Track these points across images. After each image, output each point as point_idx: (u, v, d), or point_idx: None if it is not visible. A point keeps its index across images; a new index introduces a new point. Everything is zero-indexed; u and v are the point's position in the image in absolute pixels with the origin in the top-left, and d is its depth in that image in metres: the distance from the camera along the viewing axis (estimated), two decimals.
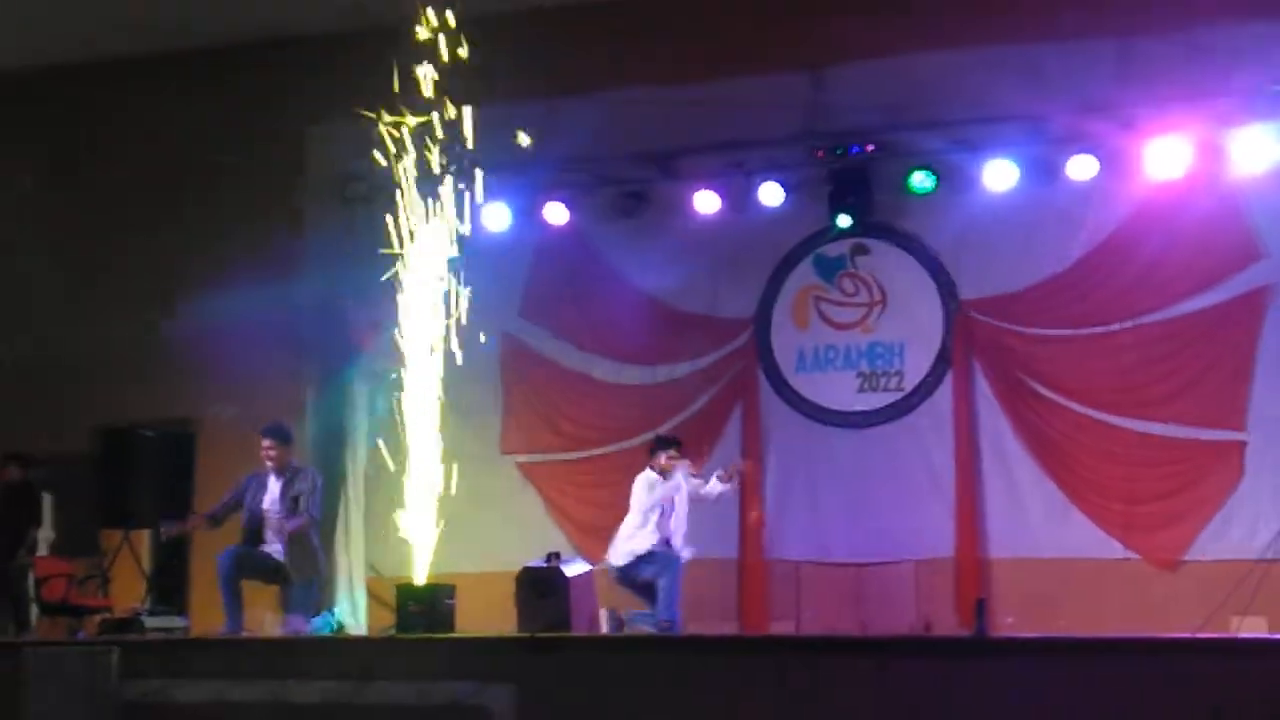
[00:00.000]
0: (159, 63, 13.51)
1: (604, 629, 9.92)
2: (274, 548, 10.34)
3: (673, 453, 10.87)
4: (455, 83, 9.92)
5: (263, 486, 10.48)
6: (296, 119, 12.95)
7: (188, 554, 12.80)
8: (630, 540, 10.72)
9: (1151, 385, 11.39)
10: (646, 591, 10.64)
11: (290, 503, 10.32)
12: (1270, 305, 11.11)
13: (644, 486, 10.78)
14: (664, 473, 10.81)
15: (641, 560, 10.62)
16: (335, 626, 10.47)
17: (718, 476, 11.03)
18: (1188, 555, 11.13)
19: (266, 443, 10.46)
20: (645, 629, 10.11)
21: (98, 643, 8.96)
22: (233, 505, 10.60)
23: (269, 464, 10.46)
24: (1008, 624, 10.68)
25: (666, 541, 10.74)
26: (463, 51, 9.77)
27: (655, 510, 10.70)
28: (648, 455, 11.03)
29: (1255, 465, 11.03)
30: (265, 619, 11.54)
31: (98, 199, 13.65)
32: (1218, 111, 10.96)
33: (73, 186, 13.74)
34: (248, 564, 10.31)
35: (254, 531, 10.43)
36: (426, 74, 9.76)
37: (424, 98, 9.80)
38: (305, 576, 10.39)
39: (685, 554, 10.79)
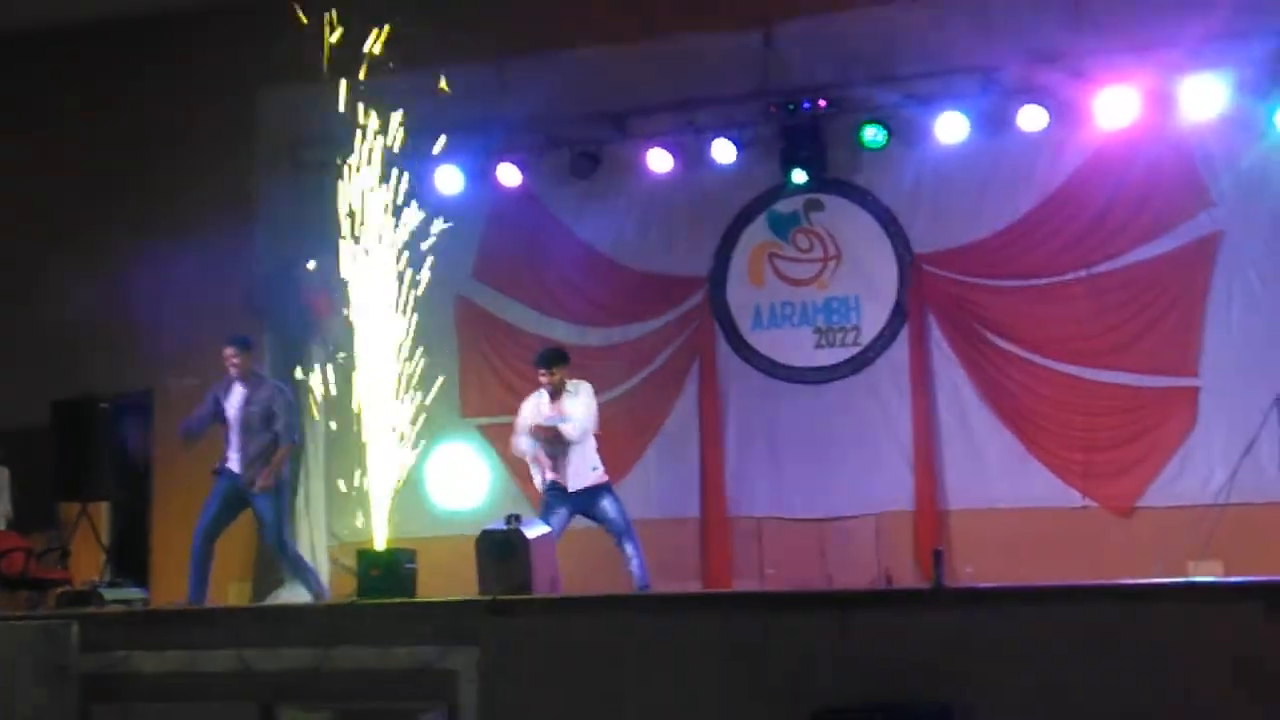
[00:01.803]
0: (108, 28, 13.37)
1: None
2: (234, 457, 10.35)
3: (551, 369, 10.38)
4: (405, 44, 9.87)
5: (227, 395, 10.48)
6: (248, 83, 12.84)
7: (147, 525, 12.76)
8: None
9: (1105, 334, 11.48)
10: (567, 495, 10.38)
11: (254, 419, 10.26)
12: (1220, 251, 11.20)
13: (526, 411, 10.49)
14: (553, 392, 10.39)
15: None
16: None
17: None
18: (1144, 502, 11.24)
19: (229, 350, 10.47)
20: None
21: (55, 616, 8.91)
22: (208, 418, 10.56)
23: (233, 371, 10.46)
24: (968, 574, 10.76)
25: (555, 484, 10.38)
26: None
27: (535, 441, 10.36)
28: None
29: (1208, 410, 11.13)
30: (230, 589, 11.55)
31: (49, 169, 13.52)
32: (1167, 60, 10.99)
33: (24, 157, 13.61)
34: (220, 524, 10.35)
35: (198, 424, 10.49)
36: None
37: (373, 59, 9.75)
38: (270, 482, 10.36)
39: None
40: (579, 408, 10.35)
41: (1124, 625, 7.04)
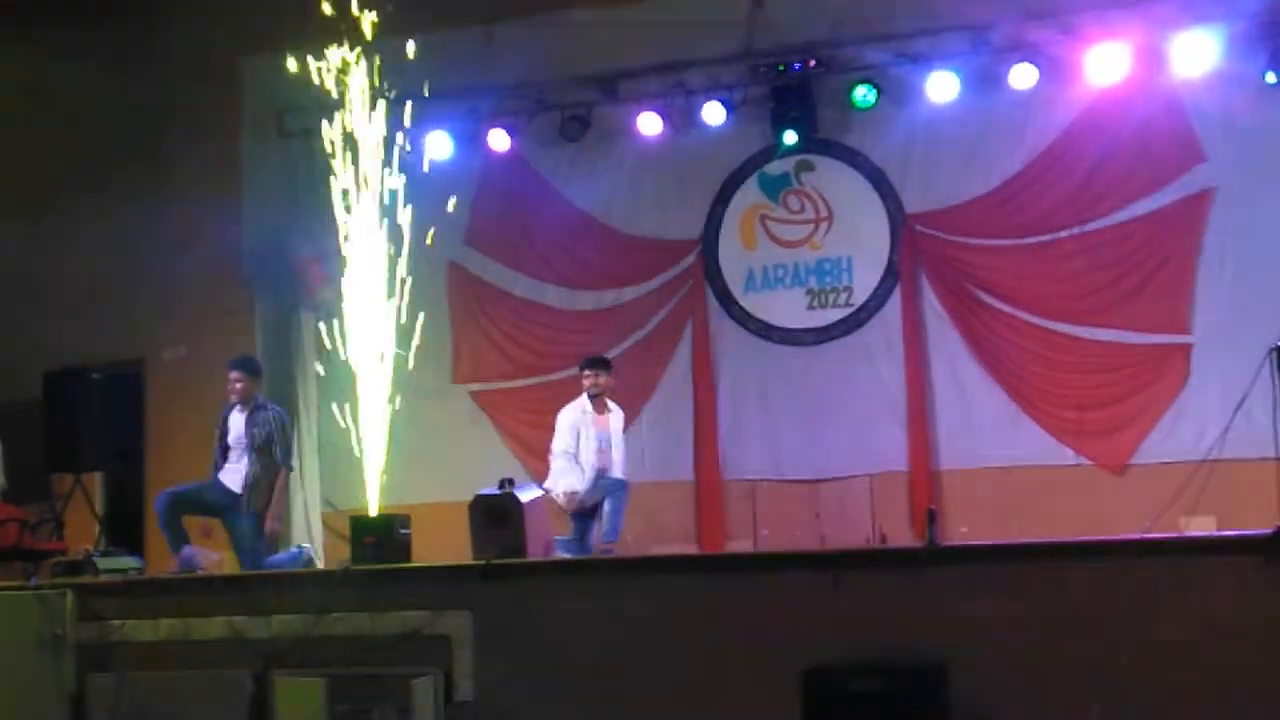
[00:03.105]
0: None
1: None
2: (232, 474, 10.30)
3: (597, 370, 10.76)
4: (393, 10, 9.80)
5: (227, 422, 10.42)
6: (233, 52, 12.76)
7: (141, 495, 12.74)
8: (565, 480, 10.62)
9: (1098, 291, 11.47)
10: (591, 514, 10.68)
11: (256, 441, 10.22)
12: (1212, 207, 11.18)
13: (566, 424, 10.69)
14: (595, 394, 10.71)
15: (586, 492, 10.62)
16: (305, 561, 10.45)
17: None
18: (1137, 459, 11.27)
19: (234, 374, 10.36)
20: (566, 555, 9.99)
21: (49, 586, 8.91)
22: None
23: (233, 396, 10.39)
24: (962, 534, 10.75)
25: (604, 472, 10.69)
26: None
27: (584, 444, 10.63)
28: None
29: (1200, 367, 11.16)
30: (225, 557, 11.52)
31: (39, 141, 13.44)
32: (1157, 15, 10.96)
33: (13, 129, 13.53)
34: (184, 504, 10.26)
35: (219, 459, 10.39)
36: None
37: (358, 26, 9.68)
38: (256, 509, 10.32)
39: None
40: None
41: (1119, 581, 7.05)
